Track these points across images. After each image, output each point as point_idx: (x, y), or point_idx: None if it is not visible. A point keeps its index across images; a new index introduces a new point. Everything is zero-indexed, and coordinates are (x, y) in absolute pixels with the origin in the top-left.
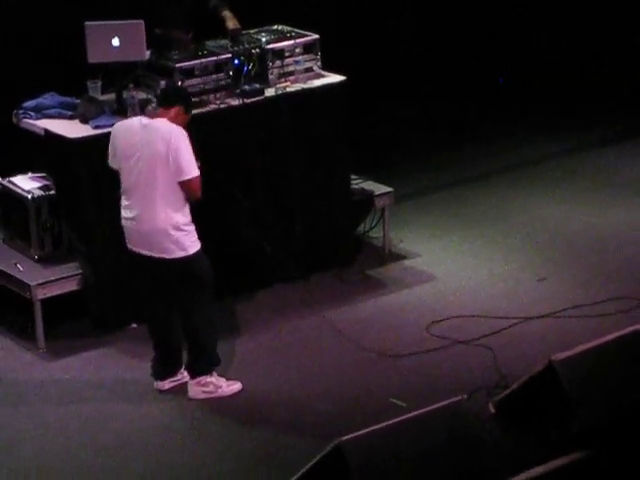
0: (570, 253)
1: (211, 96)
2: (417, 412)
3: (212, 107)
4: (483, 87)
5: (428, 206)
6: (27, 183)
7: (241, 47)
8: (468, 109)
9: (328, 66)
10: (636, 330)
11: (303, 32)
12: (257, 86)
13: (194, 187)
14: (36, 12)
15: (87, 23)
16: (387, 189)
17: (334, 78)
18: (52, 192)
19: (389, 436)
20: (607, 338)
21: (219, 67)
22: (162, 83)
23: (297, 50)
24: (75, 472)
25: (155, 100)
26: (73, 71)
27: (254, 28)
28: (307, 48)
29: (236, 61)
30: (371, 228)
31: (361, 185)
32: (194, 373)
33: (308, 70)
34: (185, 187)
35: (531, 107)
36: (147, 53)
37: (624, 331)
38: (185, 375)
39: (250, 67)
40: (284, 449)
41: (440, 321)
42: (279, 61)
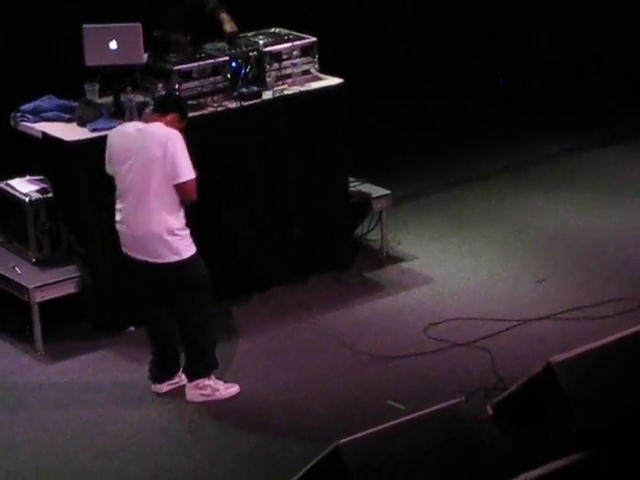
0: (569, 254)
1: (209, 99)
2: (415, 414)
3: (210, 110)
4: (483, 87)
5: (426, 208)
6: (25, 186)
7: (239, 50)
8: (468, 109)
9: (328, 67)
10: (635, 332)
11: (300, 35)
12: (255, 89)
13: (190, 190)
14: (33, 14)
15: (85, 26)
16: (385, 191)
17: (332, 81)
18: (50, 195)
19: (387, 439)
20: (606, 340)
21: (217, 70)
22: (159, 87)
23: (294, 53)
24: (74, 475)
25: (152, 103)
26: (71, 74)
27: (251, 31)
28: (304, 51)
29: (234, 64)
30: (369, 230)
31: (359, 187)
32: (192, 376)
33: (305, 73)
34: (181, 190)
35: (531, 107)
36: (145, 56)
37: (623, 333)
38: (183, 378)
39: (248, 70)
40: (282, 452)
41: (438, 323)
42: (276, 64)
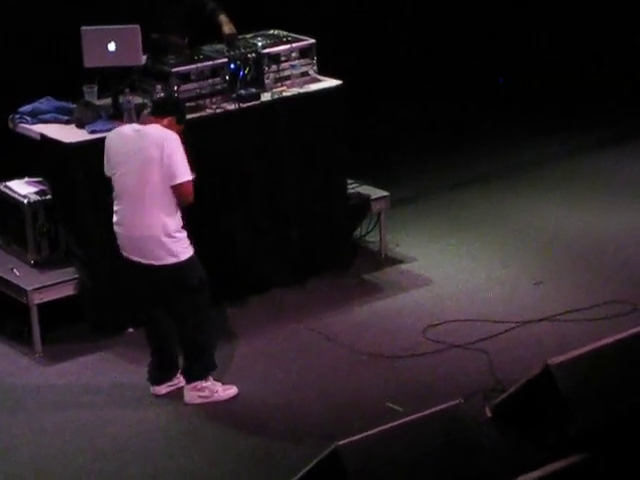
0: (568, 256)
1: (207, 101)
2: (414, 416)
3: (208, 112)
4: (483, 87)
5: (425, 209)
6: (23, 188)
7: (237, 52)
8: (468, 109)
9: (328, 67)
10: (633, 333)
11: (299, 37)
12: (253, 91)
13: (186, 191)
14: (32, 15)
15: (83, 28)
16: (383, 193)
17: (330, 82)
18: (48, 197)
19: (386, 440)
20: (604, 341)
21: (215, 72)
22: (158, 88)
23: (293, 55)
24: (72, 476)
25: (150, 105)
26: (70, 75)
27: (250, 33)
28: (303, 52)
29: (232, 66)
30: (367, 232)
31: (357, 189)
32: (190, 378)
33: (304, 74)
34: (177, 191)
35: (531, 107)
36: (143, 58)
37: (621, 334)
38: (182, 380)
39: (246, 72)
40: (281, 453)
41: (437, 325)
42: (275, 66)
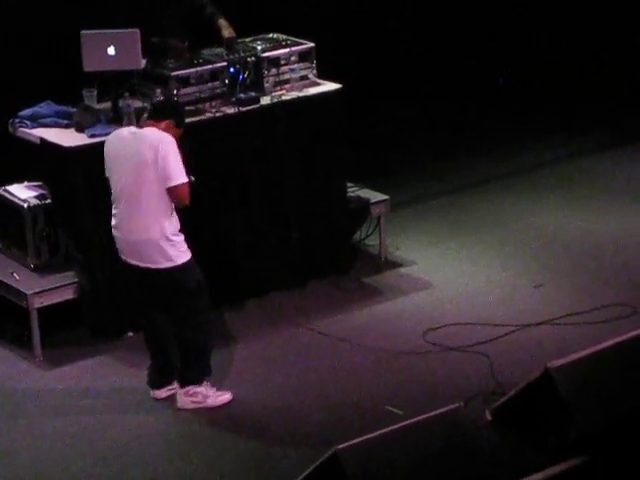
0: (567, 259)
1: (207, 104)
2: (414, 419)
3: (208, 115)
4: (483, 87)
5: (425, 213)
6: (23, 192)
7: (237, 55)
8: (468, 109)
9: (328, 67)
10: (633, 336)
11: (299, 40)
12: (253, 94)
13: (182, 194)
14: (31, 17)
15: (83, 32)
16: (383, 197)
17: (330, 86)
18: (48, 201)
19: (386, 444)
20: (604, 345)
21: (215, 75)
22: (157, 92)
23: (293, 58)
24: None
25: (150, 108)
26: (69, 77)
27: (249, 36)
28: (303, 56)
29: (232, 69)
30: (367, 236)
31: (357, 193)
32: (184, 382)
33: (304, 78)
34: (173, 194)
35: (531, 107)
36: (143, 62)
37: (621, 337)
38: None
39: (246, 75)
40: (280, 457)
41: (437, 328)
42: (275, 69)
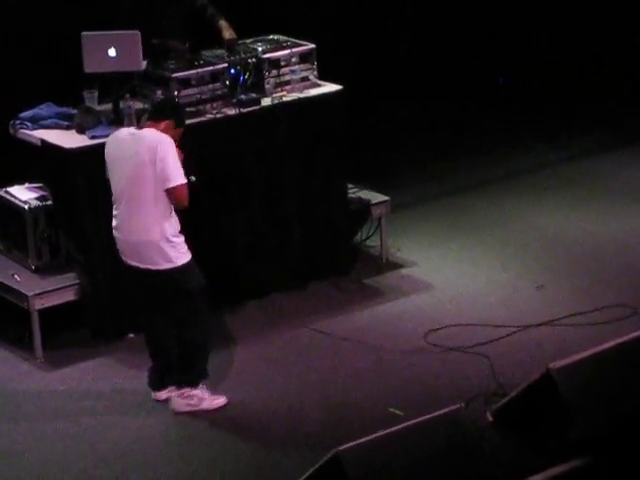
0: (568, 260)
1: (207, 106)
2: (415, 421)
3: (209, 117)
4: (483, 87)
5: (426, 214)
6: (24, 193)
7: (237, 57)
8: (468, 109)
9: (328, 68)
10: (634, 337)
11: (299, 42)
12: (253, 96)
13: (180, 195)
14: (32, 18)
15: (83, 33)
16: (384, 198)
17: (330, 87)
18: (49, 202)
19: (387, 445)
20: (605, 346)
21: (215, 77)
22: (158, 93)
23: (293, 59)
24: None
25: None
26: (70, 78)
27: (250, 38)
28: (303, 57)
29: (232, 71)
30: (368, 237)
31: (358, 194)
32: (180, 384)
33: (304, 79)
34: (171, 195)
35: (531, 108)
36: (143, 63)
37: (622, 338)
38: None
39: (246, 77)
40: (281, 459)
41: (437, 329)
42: (275, 71)
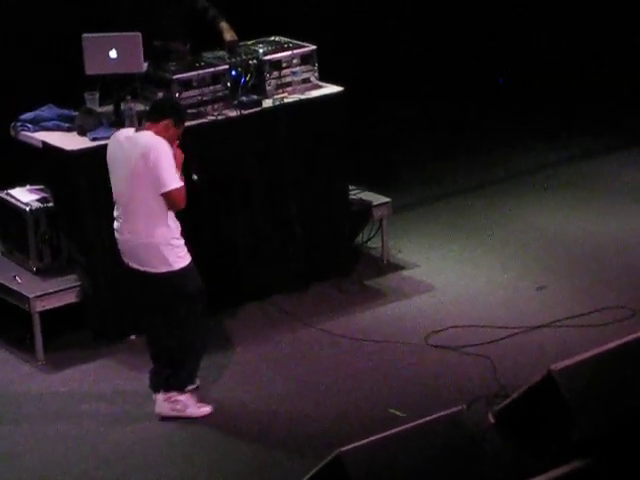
0: (568, 261)
1: (209, 107)
2: (417, 422)
3: (210, 118)
4: (483, 87)
5: (427, 216)
6: (25, 195)
7: (238, 58)
8: (468, 109)
9: (328, 68)
10: (635, 338)
11: (300, 43)
12: (255, 97)
13: (176, 199)
14: (32, 18)
15: (84, 35)
16: (385, 199)
17: (331, 89)
18: (50, 204)
19: (389, 446)
20: (606, 346)
21: (216, 78)
22: (159, 95)
23: (294, 61)
24: None
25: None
26: (70, 79)
27: (251, 39)
28: (304, 59)
29: (233, 72)
30: (369, 238)
31: (359, 195)
32: (168, 387)
33: (305, 81)
34: (167, 199)
35: (531, 108)
36: (144, 65)
37: (623, 339)
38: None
39: (247, 78)
40: (283, 460)
41: (439, 331)
42: (276, 72)
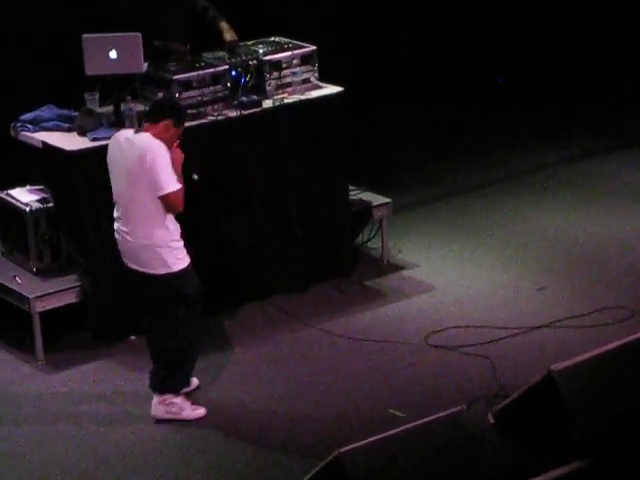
0: (569, 262)
1: (209, 108)
2: (416, 422)
3: (210, 119)
4: (483, 87)
5: (427, 216)
6: (25, 196)
7: (238, 59)
8: (468, 109)
9: (328, 68)
10: (636, 338)
11: (300, 43)
12: (255, 98)
13: (173, 202)
14: (32, 18)
15: (84, 36)
16: (385, 200)
17: (331, 89)
18: (50, 204)
19: (388, 447)
20: (606, 347)
21: (216, 79)
22: (159, 96)
23: (294, 61)
24: None
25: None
26: (70, 79)
27: (251, 40)
28: (304, 59)
29: (233, 73)
30: (369, 239)
31: (359, 196)
32: (163, 389)
33: (305, 81)
34: (165, 202)
35: (531, 108)
36: (144, 65)
37: (624, 340)
38: (191, 386)
39: (247, 79)
40: (283, 460)
41: (439, 331)
42: (276, 72)
